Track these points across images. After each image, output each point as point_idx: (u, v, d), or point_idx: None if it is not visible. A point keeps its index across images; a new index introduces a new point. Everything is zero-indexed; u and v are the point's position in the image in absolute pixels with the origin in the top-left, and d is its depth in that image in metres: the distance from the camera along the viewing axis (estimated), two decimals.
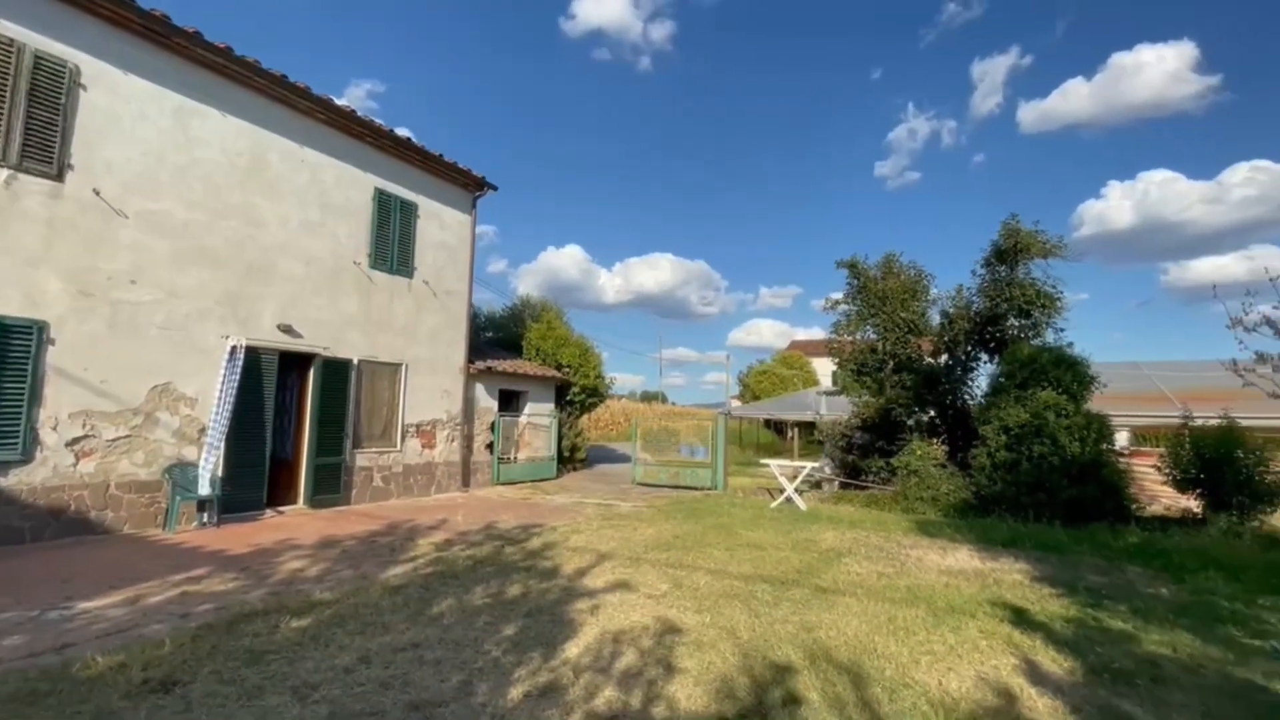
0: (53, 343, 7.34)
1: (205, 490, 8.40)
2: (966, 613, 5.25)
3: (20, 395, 7.05)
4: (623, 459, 21.92)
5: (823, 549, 7.77)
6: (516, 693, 3.56)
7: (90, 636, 4.31)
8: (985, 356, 13.69)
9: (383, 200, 11.56)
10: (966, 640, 4.60)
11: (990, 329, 13.25)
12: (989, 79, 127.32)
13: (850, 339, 14.85)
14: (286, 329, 9.88)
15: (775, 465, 12.70)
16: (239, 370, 8.84)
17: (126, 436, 8.01)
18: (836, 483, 14.25)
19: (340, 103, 10.63)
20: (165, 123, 8.50)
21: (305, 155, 10.29)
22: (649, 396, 63.56)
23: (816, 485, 14.51)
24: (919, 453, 12.13)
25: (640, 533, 8.55)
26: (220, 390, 8.64)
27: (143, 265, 8.22)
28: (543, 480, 15.05)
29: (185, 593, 5.43)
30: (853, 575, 6.49)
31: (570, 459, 17.40)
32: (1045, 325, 12.77)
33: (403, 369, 11.85)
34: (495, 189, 13.77)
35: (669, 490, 14.03)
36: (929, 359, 14.10)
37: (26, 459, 7.10)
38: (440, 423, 12.64)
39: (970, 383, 13.78)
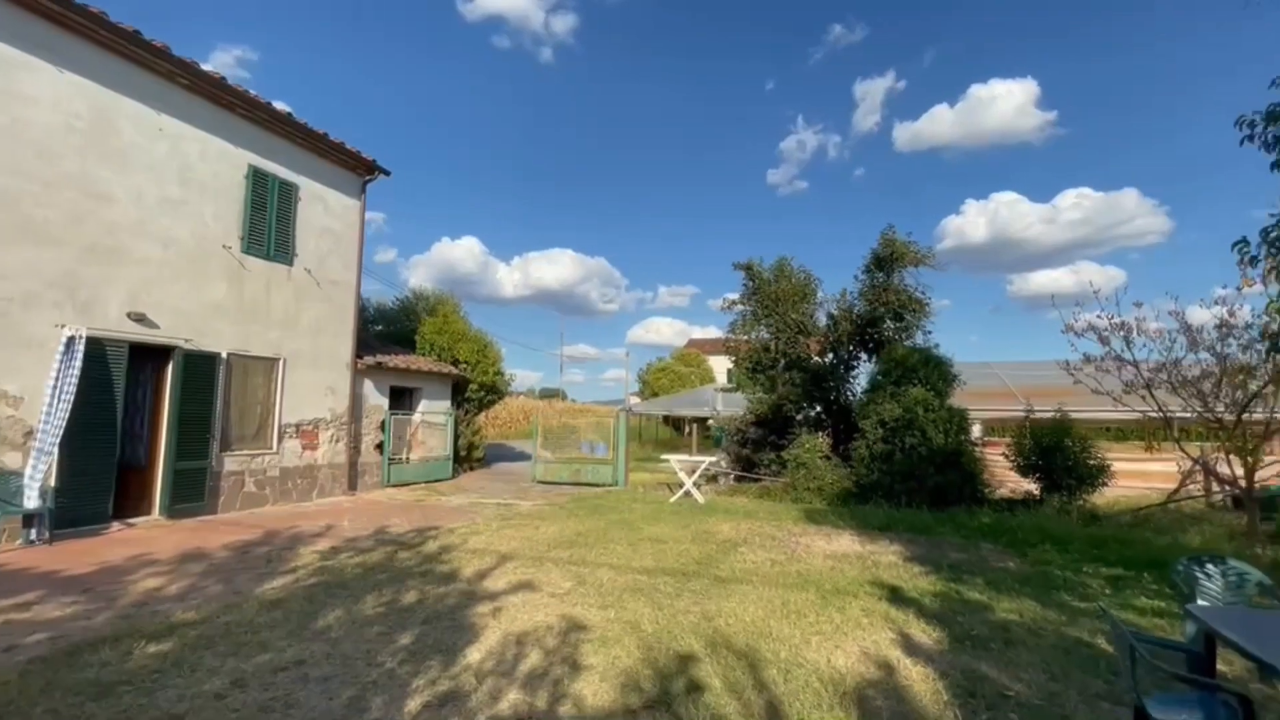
0: None
1: (33, 503, 7.27)
2: (850, 593, 5.66)
3: None
4: (522, 457, 21.53)
5: (720, 540, 8.06)
6: (414, 704, 3.39)
7: None
8: (865, 356, 14.81)
9: (259, 179, 10.56)
10: (850, 619, 4.96)
11: (870, 330, 14.35)
12: (869, 99, 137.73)
13: (745, 338, 15.52)
14: (139, 318, 8.76)
15: (675, 460, 13.00)
16: (78, 364, 7.72)
17: None
18: (732, 476, 14.83)
19: (207, 68, 9.57)
20: None
21: (164, 123, 9.17)
22: (549, 393, 62.84)
23: (713, 479, 15.02)
24: (807, 446, 12.90)
25: (542, 531, 8.44)
26: (53, 387, 7.51)
27: None
28: (438, 481, 14.44)
29: (9, 621, 4.68)
30: (748, 564, 6.79)
31: (467, 458, 16.83)
32: (916, 328, 14.03)
33: (280, 364, 10.90)
34: (387, 174, 13.00)
35: (570, 488, 13.96)
36: (817, 358, 15.04)
37: None
38: (324, 422, 11.76)
39: (852, 380, 14.87)
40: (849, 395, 14.65)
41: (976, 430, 14.84)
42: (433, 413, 15.06)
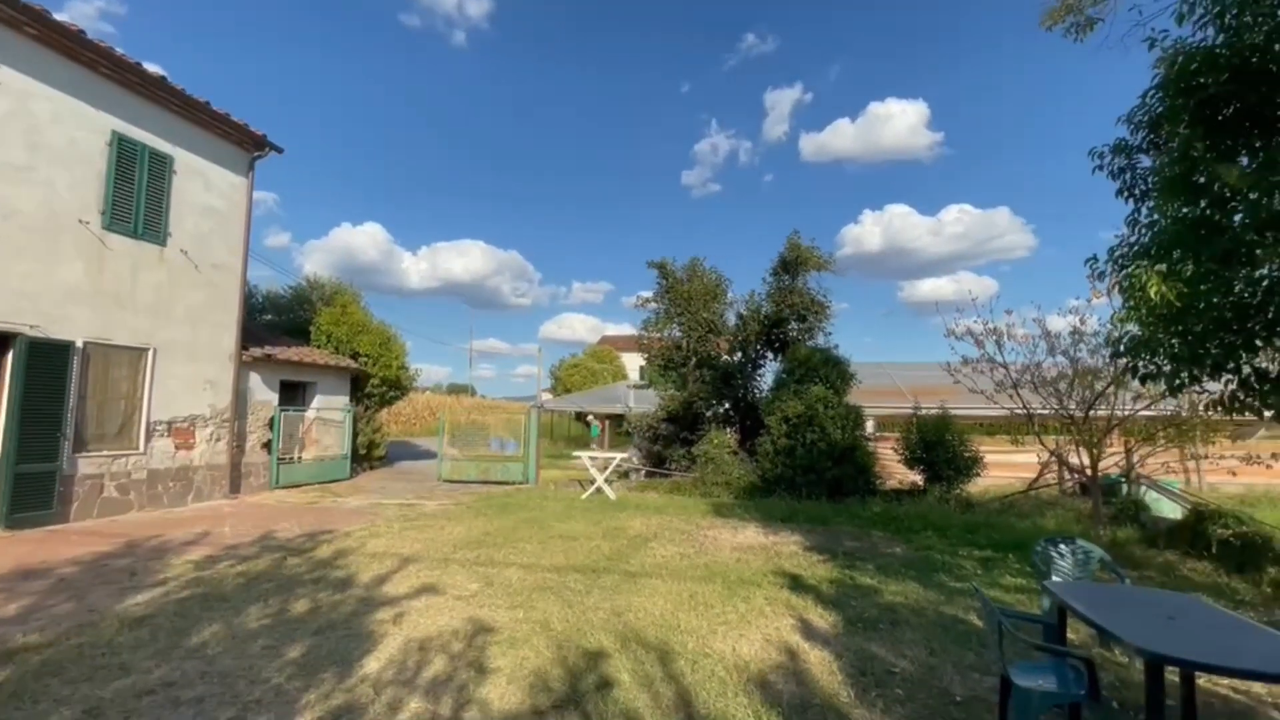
0: None
1: None
2: (754, 583, 5.88)
3: None
4: (428, 455, 20.68)
5: (631, 535, 8.12)
6: None
7: None
8: (771, 355, 15.45)
9: (125, 147, 9.43)
10: (754, 608, 5.15)
11: (776, 331, 14.99)
12: (778, 109, 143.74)
13: (658, 336, 15.76)
14: None
15: (586, 457, 12.98)
16: None
17: None
18: (643, 472, 15.01)
19: (61, 18, 8.42)
20: None
21: (4, 77, 7.98)
22: (457, 389, 60.87)
23: (625, 475, 15.12)
24: (715, 441, 13.28)
25: (448, 532, 8.14)
26: None
27: None
28: (334, 481, 13.57)
29: None
30: (658, 558, 6.89)
31: (367, 457, 15.95)
32: (818, 329, 14.82)
33: (149, 355, 9.81)
34: (279, 151, 12.02)
35: (479, 486, 13.57)
36: (726, 356, 15.52)
37: None
38: (202, 419, 10.72)
39: (759, 378, 15.48)
40: (756, 393, 15.22)
41: (870, 426, 15.88)
42: (329, 409, 14.13)
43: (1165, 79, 4.25)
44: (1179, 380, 4.11)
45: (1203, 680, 3.66)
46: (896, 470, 13.40)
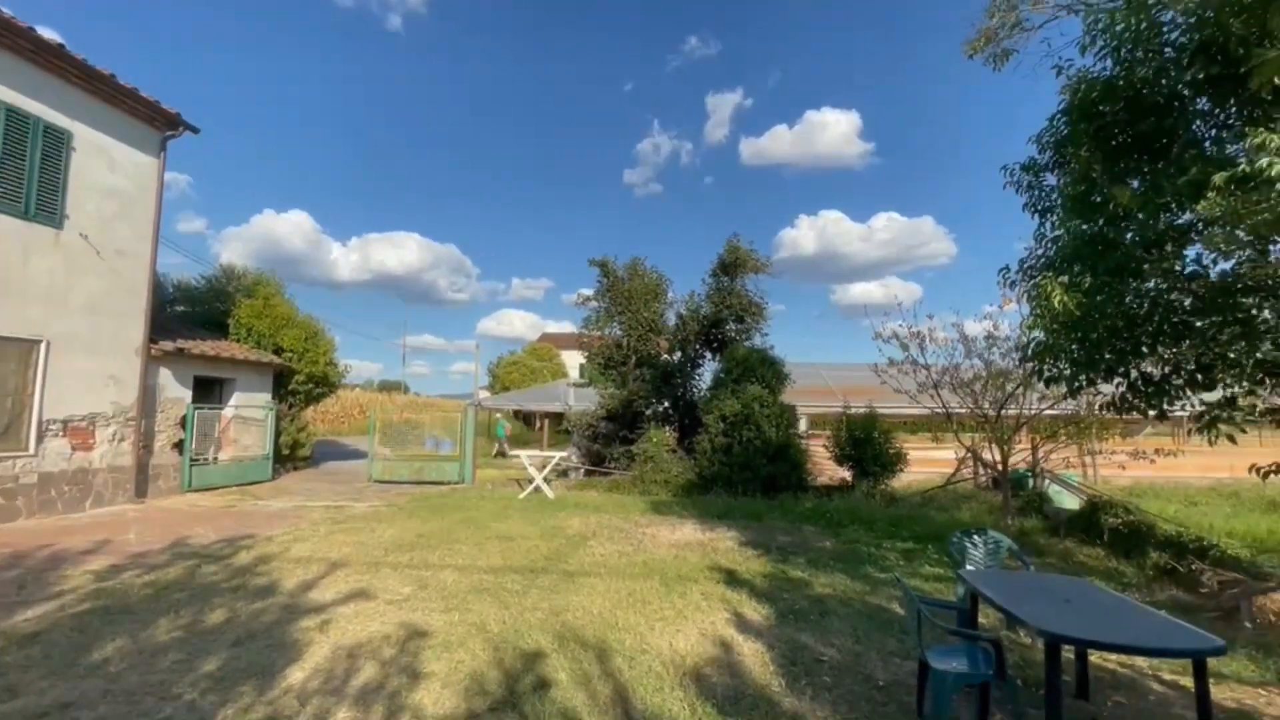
0: None
1: None
2: (691, 579, 5.99)
3: None
4: (357, 455, 19.87)
5: (570, 534, 8.10)
6: None
7: None
8: (710, 355, 15.73)
9: (13, 119, 8.58)
10: (691, 603, 5.25)
11: (715, 331, 15.27)
12: (719, 112, 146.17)
13: (599, 334, 15.75)
14: None
15: (525, 456, 12.82)
16: None
17: None
18: (583, 470, 14.96)
19: None
20: None
21: None
22: (389, 386, 58.84)
23: (564, 474, 15.03)
24: (655, 440, 13.41)
25: (379, 534, 7.86)
26: None
27: None
28: (255, 483, 12.83)
29: None
30: (597, 557, 6.90)
31: (291, 457, 15.17)
32: (755, 330, 15.20)
33: (40, 348, 8.97)
34: (195, 131, 11.24)
35: (412, 487, 13.16)
36: (666, 356, 15.68)
37: None
38: (103, 417, 9.90)
39: (698, 377, 15.72)
40: (695, 392, 15.46)
41: (803, 424, 16.44)
42: (249, 407, 13.34)
43: (1069, 105, 4.62)
44: (1078, 383, 4.48)
45: (1095, 656, 4.00)
46: (827, 467, 13.93)
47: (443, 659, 3.98)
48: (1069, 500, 10.19)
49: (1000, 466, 9.25)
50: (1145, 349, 4.25)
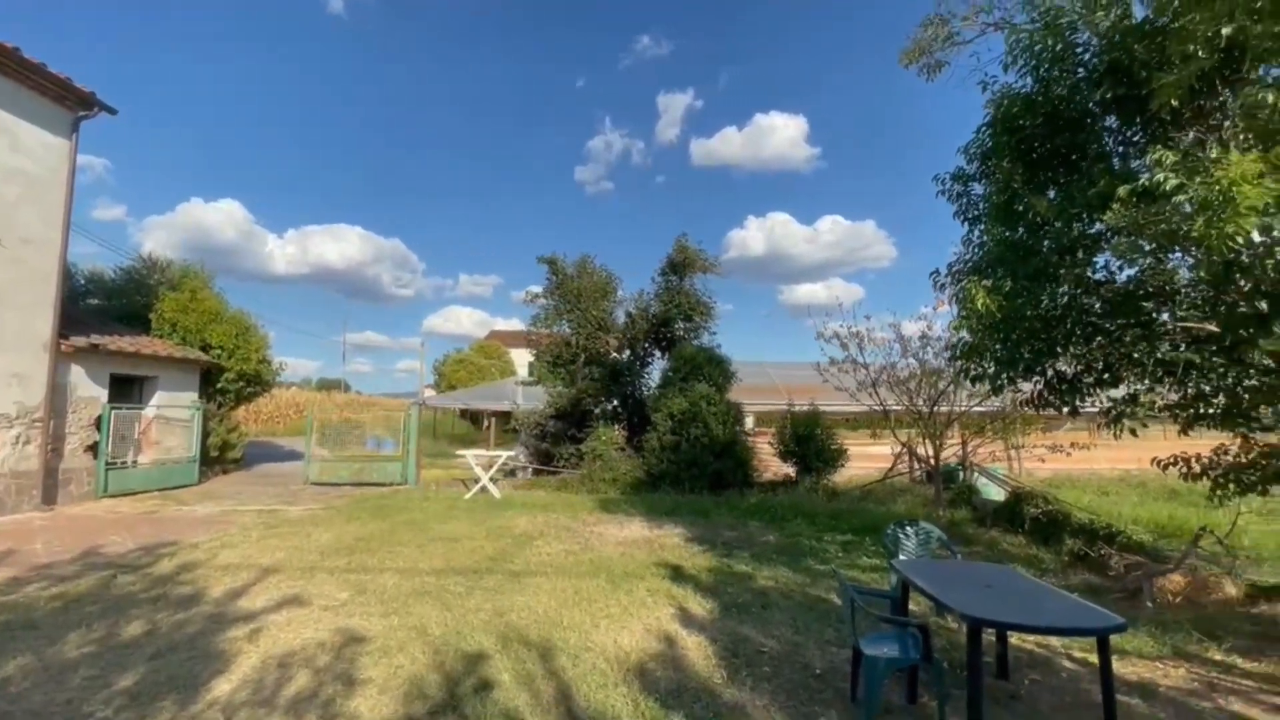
0: None
1: None
2: (638, 576, 6.03)
3: None
4: (293, 456, 19.04)
5: (516, 534, 8.01)
6: None
7: None
8: (659, 353, 15.84)
9: None
10: (637, 600, 5.28)
11: (663, 330, 15.39)
12: (670, 112, 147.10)
13: (547, 332, 15.62)
14: None
15: (471, 455, 12.59)
16: None
17: None
18: (530, 470, 14.81)
19: None
20: None
21: None
22: (329, 384, 56.63)
23: (511, 473, 14.85)
24: (603, 438, 13.41)
25: (315, 539, 7.57)
26: None
27: None
28: (180, 488, 12.12)
29: None
30: (543, 556, 6.85)
31: (220, 459, 14.39)
32: (703, 329, 15.40)
33: None
34: (113, 112, 10.51)
35: (352, 488, 12.71)
36: (615, 354, 15.69)
37: None
38: (5, 419, 9.14)
39: (646, 376, 15.80)
40: (643, 390, 15.53)
41: (750, 422, 16.77)
42: (173, 406, 12.58)
43: (993, 118, 4.89)
44: (1000, 381, 4.75)
45: (1015, 638, 4.26)
46: (773, 463, 14.26)
47: (381, 664, 3.87)
48: (995, 492, 10.77)
49: (933, 461, 9.70)
50: (1060, 349, 4.56)
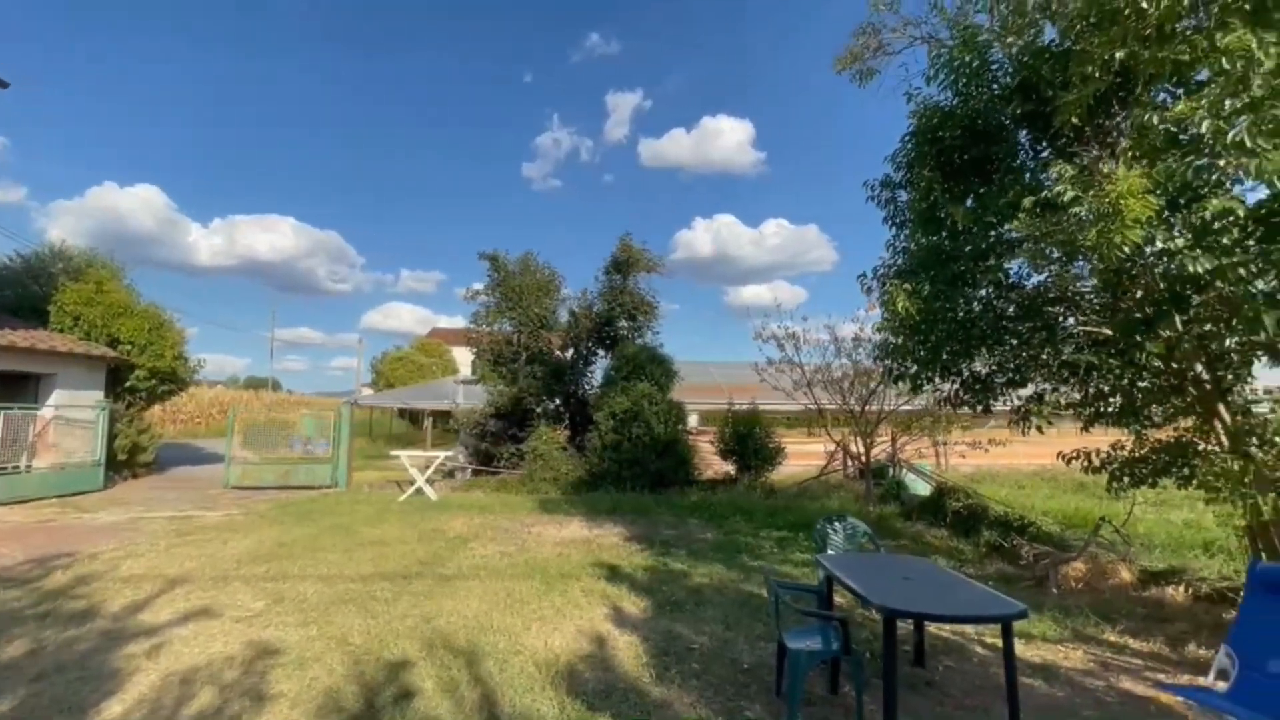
0: None
1: None
2: (573, 576, 5.98)
3: None
4: (214, 459, 17.94)
5: (450, 537, 7.80)
6: None
7: None
8: (602, 352, 15.78)
9: None
10: (571, 601, 5.23)
11: (607, 329, 15.34)
12: (619, 111, 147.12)
13: (489, 330, 15.32)
14: None
15: (405, 456, 12.22)
16: None
17: None
18: (470, 470, 14.50)
19: None
20: None
21: None
22: (257, 383, 53.90)
23: (450, 474, 14.49)
24: (545, 438, 13.25)
25: (232, 546, 7.15)
26: None
27: None
28: (82, 494, 11.21)
29: None
30: (477, 559, 6.70)
31: (130, 463, 13.41)
32: (647, 328, 15.43)
33: None
34: (3, 85, 9.64)
35: (277, 492, 12.10)
36: (558, 352, 15.55)
37: None
38: None
39: (590, 375, 15.72)
40: (587, 389, 15.45)
41: (694, 420, 16.94)
42: (74, 406, 11.64)
43: (916, 129, 5.10)
44: (920, 381, 4.96)
45: (933, 627, 4.45)
46: (714, 462, 14.46)
47: (294, 677, 3.68)
48: (922, 487, 11.27)
49: (864, 458, 10.05)
50: (975, 351, 4.80)
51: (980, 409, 5.10)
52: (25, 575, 5.87)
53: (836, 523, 5.18)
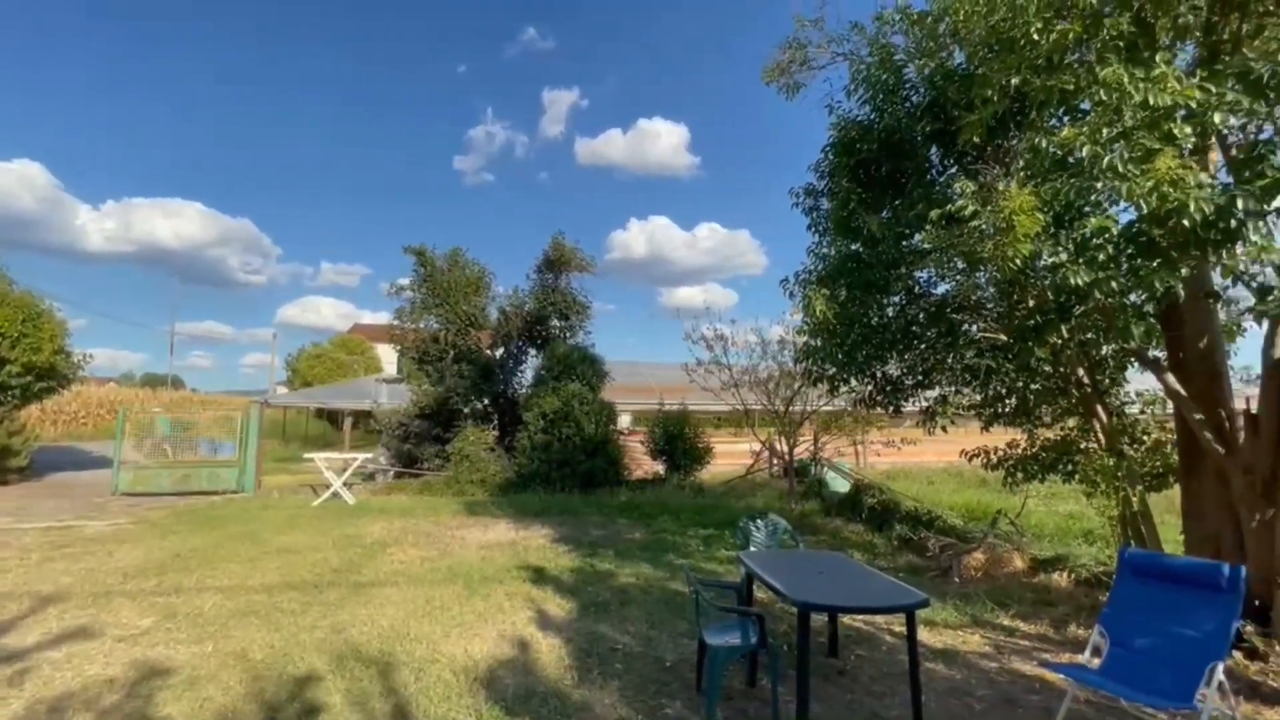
0: None
1: None
2: (497, 580, 5.85)
3: None
4: (103, 463, 16.40)
5: (368, 543, 7.47)
6: None
7: None
8: (533, 351, 15.56)
9: None
10: (494, 605, 5.12)
11: (538, 328, 15.14)
12: (555, 108, 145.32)
13: (414, 327, 14.79)
14: None
15: (321, 458, 11.58)
16: None
17: None
18: (392, 473, 13.94)
19: None
20: None
21: None
22: (156, 380, 49.70)
23: (370, 477, 13.88)
24: (472, 438, 12.93)
25: (118, 558, 6.55)
26: None
27: None
28: None
29: None
30: (396, 565, 6.44)
31: None
32: (579, 328, 15.34)
33: None
34: None
35: (174, 498, 11.19)
36: (488, 351, 15.20)
37: None
38: None
39: (520, 374, 15.46)
40: (517, 388, 15.19)
41: (627, 420, 17.00)
42: None
43: (837, 141, 5.32)
44: (838, 382, 5.18)
45: (845, 619, 4.64)
46: (645, 461, 14.55)
47: (185, 698, 3.41)
48: (841, 484, 11.77)
49: (788, 457, 10.40)
50: (887, 354, 5.06)
51: (892, 410, 5.38)
52: None
53: (759, 520, 5.32)
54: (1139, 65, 3.35)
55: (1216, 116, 3.14)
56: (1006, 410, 5.38)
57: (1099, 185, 3.27)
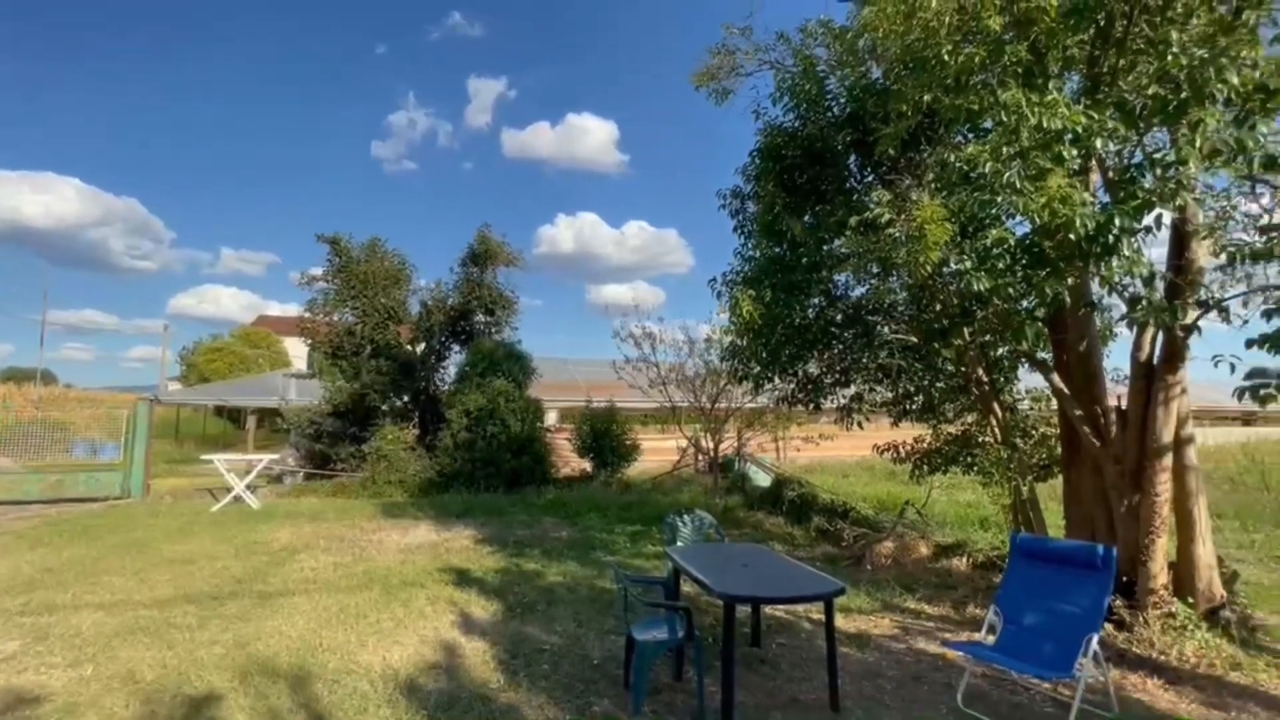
0: None
1: None
2: (418, 584, 5.64)
3: None
4: None
5: (275, 550, 7.00)
6: None
7: None
8: (457, 347, 15.08)
9: None
10: (414, 610, 4.93)
11: (462, 323, 14.70)
12: (481, 97, 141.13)
13: (327, 320, 13.99)
14: None
15: (221, 460, 10.74)
16: None
17: None
18: (301, 474, 13.14)
19: None
20: None
21: None
22: (22, 374, 44.39)
23: (278, 479, 13.02)
24: (390, 437, 12.38)
25: None
26: None
27: None
28: None
29: None
30: (306, 572, 6.08)
31: None
32: (505, 324, 15.00)
33: None
34: None
35: (45, 507, 10.05)
36: (408, 346, 14.59)
37: None
38: None
39: (443, 370, 14.95)
40: (439, 385, 14.69)
41: (553, 418, 16.79)
42: None
43: (763, 146, 5.49)
44: (762, 380, 5.35)
45: (768, 609, 4.80)
46: (572, 459, 14.45)
47: None
48: (763, 479, 12.16)
49: (713, 453, 10.63)
50: (809, 354, 5.28)
51: (812, 406, 5.62)
52: None
53: (685, 516, 5.41)
54: (1034, 90, 3.66)
55: (1098, 141, 3.48)
56: (915, 407, 5.74)
57: (999, 199, 3.54)
